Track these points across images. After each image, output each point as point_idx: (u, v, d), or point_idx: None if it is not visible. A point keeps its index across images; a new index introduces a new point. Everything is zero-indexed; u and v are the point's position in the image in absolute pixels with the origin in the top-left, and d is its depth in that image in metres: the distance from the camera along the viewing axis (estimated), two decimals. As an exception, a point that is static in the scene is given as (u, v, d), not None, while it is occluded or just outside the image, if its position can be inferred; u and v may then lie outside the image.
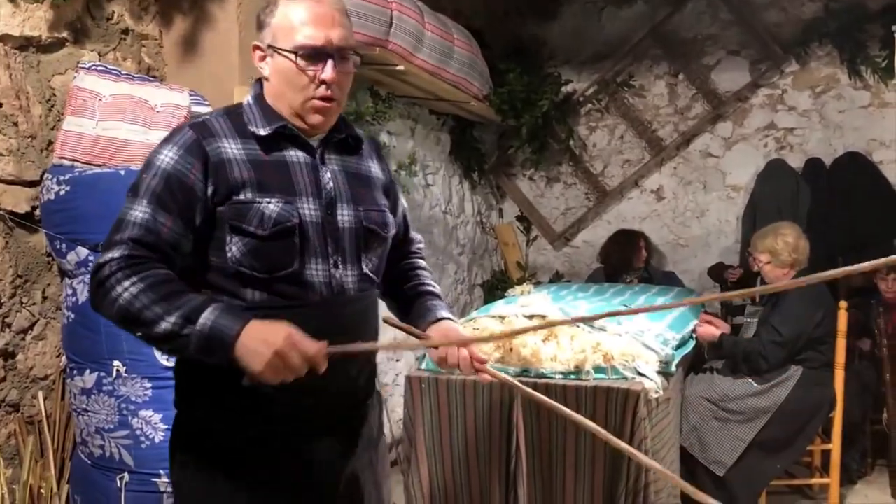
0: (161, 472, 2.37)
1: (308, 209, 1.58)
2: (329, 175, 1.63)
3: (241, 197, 1.53)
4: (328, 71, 1.56)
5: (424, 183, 4.79)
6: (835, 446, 3.70)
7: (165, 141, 1.56)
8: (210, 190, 1.52)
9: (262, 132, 1.58)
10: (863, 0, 4.95)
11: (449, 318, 1.78)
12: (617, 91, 5.61)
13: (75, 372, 2.43)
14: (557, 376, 2.99)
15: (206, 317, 1.40)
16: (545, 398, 1.68)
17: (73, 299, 2.42)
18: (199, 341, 1.40)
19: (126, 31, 2.85)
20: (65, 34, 2.62)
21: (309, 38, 1.55)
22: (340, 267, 1.61)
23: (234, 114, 1.62)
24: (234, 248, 1.53)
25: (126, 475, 2.36)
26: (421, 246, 1.94)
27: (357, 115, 3.79)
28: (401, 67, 3.62)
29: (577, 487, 2.97)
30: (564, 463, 2.96)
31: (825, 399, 3.63)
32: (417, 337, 1.72)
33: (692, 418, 3.64)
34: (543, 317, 3.21)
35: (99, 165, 2.46)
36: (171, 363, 2.38)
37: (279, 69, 1.58)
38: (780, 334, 3.54)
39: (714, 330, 3.78)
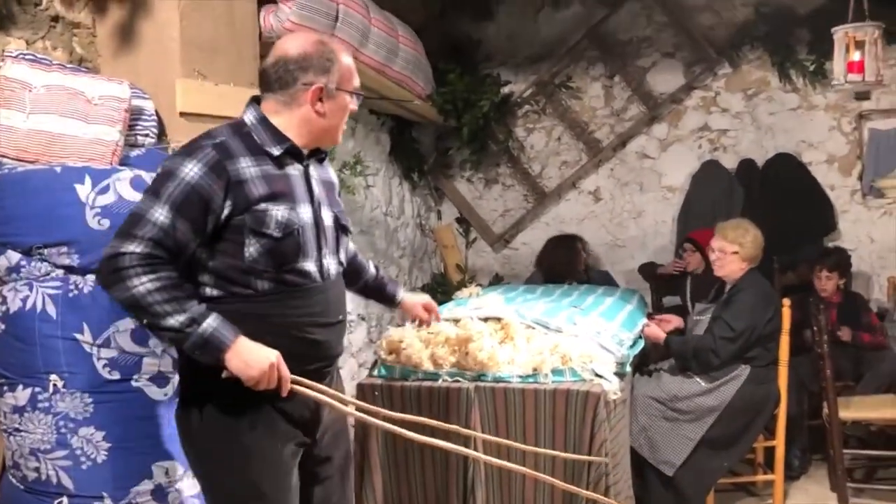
0: (104, 494, 2.19)
1: (305, 213, 1.94)
2: (314, 183, 2.00)
3: (259, 207, 1.85)
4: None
5: (365, 184, 4.67)
6: (779, 442, 3.76)
7: (188, 155, 1.82)
8: (228, 204, 1.82)
9: (276, 152, 1.91)
10: (792, 5, 5.08)
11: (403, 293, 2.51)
12: (554, 93, 5.60)
13: (5, 388, 2.21)
14: (515, 379, 2.93)
15: (209, 323, 1.77)
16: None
17: (4, 308, 2.20)
18: (199, 341, 1.76)
19: (56, 19, 2.64)
20: (-12, 20, 2.41)
21: (357, 83, 2.02)
22: (327, 257, 2.00)
23: (242, 134, 1.91)
24: (251, 248, 1.85)
25: (65, 499, 2.16)
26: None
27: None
28: (346, 63, 3.48)
29: (536, 492, 2.91)
30: (524, 467, 2.89)
31: (770, 396, 3.68)
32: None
33: (641, 419, 3.63)
34: (499, 319, 3.14)
35: (31, 162, 2.25)
36: (113, 376, 2.23)
37: (342, 106, 1.97)
38: (732, 329, 3.56)
39: (659, 332, 3.78)
